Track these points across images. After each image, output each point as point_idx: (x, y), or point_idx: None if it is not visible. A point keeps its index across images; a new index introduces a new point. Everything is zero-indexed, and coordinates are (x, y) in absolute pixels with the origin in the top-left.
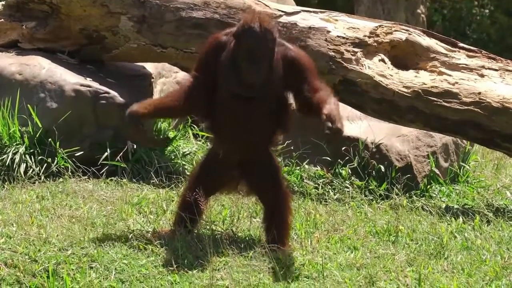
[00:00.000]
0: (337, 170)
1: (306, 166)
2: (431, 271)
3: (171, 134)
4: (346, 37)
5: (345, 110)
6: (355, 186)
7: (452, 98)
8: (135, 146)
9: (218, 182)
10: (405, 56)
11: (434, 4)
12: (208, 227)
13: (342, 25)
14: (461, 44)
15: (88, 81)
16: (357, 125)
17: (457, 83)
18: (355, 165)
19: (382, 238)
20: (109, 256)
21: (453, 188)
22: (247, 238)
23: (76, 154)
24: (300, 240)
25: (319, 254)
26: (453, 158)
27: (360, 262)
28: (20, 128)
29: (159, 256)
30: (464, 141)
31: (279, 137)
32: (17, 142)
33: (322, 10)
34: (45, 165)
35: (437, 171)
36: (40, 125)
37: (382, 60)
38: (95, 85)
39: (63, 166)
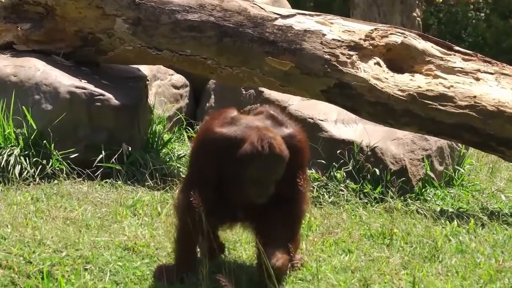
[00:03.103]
0: (332, 173)
1: None
2: (425, 274)
3: (166, 137)
4: (342, 40)
5: (340, 113)
6: (350, 189)
7: (447, 102)
8: (129, 148)
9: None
10: (400, 60)
11: (429, 8)
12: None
13: (337, 28)
14: (457, 48)
15: (83, 83)
16: (352, 128)
17: (452, 86)
18: (350, 168)
19: (376, 241)
20: (103, 258)
21: (447, 192)
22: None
23: (71, 156)
24: None
25: (313, 257)
26: (448, 161)
27: (355, 265)
28: (15, 129)
29: (154, 258)
30: (459, 144)
31: None
32: (12, 144)
33: (317, 13)
34: (40, 167)
35: (432, 174)
36: (35, 127)
37: (378, 63)
38: (90, 87)
39: (58, 168)
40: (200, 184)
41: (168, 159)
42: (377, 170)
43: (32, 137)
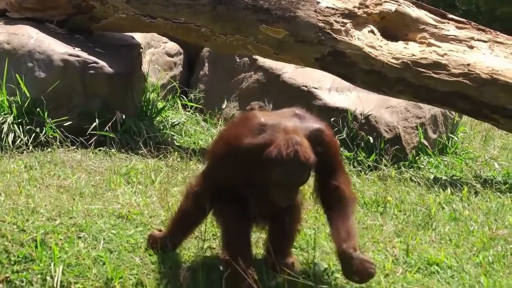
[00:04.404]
0: None
1: None
2: (419, 241)
3: (159, 105)
4: (336, 8)
5: (334, 81)
6: (343, 157)
7: (441, 70)
8: (123, 116)
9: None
10: (394, 27)
11: None
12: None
13: None
14: (451, 16)
15: (77, 51)
16: (346, 96)
17: (446, 54)
18: (344, 136)
19: (370, 209)
20: (97, 226)
21: (441, 160)
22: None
23: (65, 124)
24: None
25: (307, 224)
26: (441, 129)
27: None
28: (8, 97)
29: (147, 226)
30: (453, 112)
31: None
32: (5, 112)
33: None
34: (33, 134)
35: (425, 142)
36: (28, 95)
37: (372, 31)
38: (84, 55)
39: (51, 136)
40: (215, 183)
41: (162, 127)
42: (371, 138)
43: (25, 105)
